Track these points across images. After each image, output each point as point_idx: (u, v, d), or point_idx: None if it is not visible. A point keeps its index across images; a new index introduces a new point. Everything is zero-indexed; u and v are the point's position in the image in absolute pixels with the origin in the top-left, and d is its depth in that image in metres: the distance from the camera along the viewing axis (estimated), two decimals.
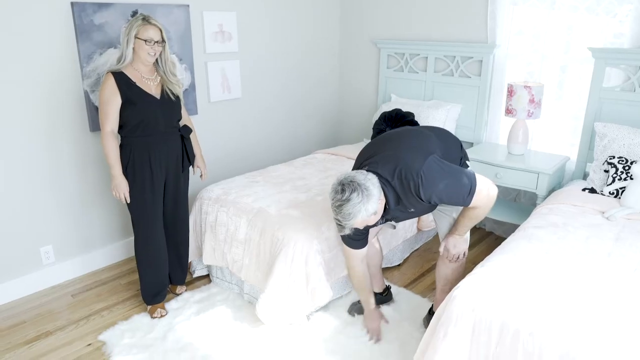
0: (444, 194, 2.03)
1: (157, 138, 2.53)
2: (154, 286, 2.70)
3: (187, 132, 2.68)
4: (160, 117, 2.52)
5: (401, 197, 2.06)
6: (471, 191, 2.05)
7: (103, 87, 2.42)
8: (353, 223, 1.97)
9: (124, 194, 2.51)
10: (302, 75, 4.30)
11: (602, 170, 2.93)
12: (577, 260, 2.08)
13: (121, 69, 2.45)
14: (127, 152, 2.50)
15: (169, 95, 2.56)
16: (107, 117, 2.43)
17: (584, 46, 3.15)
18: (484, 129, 3.76)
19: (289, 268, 2.48)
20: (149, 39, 2.40)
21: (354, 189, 1.92)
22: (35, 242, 2.96)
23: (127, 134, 2.50)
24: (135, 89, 2.45)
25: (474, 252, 3.50)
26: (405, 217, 2.28)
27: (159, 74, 2.56)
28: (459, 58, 3.74)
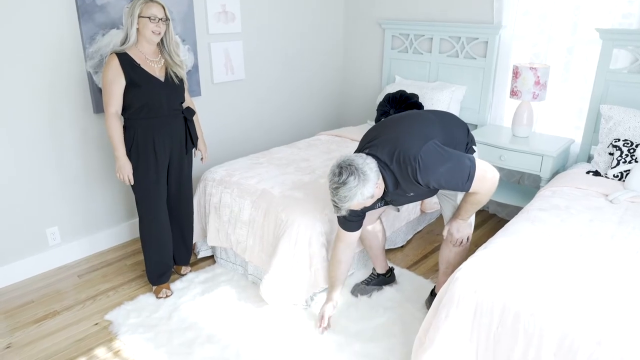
0: (442, 179, 2.03)
1: (160, 120, 2.53)
2: (158, 267, 2.73)
3: (190, 114, 2.67)
4: (164, 100, 2.50)
5: (400, 181, 2.06)
6: (470, 177, 2.04)
7: (107, 68, 2.40)
8: (349, 205, 1.98)
9: (128, 176, 2.52)
10: (305, 57, 4.27)
11: (606, 153, 2.92)
12: (580, 243, 2.09)
13: (125, 50, 2.42)
14: (130, 134, 2.50)
15: (173, 78, 2.55)
16: (110, 98, 2.42)
17: (592, 27, 3.11)
18: (489, 111, 3.74)
19: (292, 249, 2.50)
20: (153, 16, 2.37)
21: (351, 173, 1.93)
22: (41, 223, 2.98)
23: (131, 116, 2.49)
24: (140, 71, 2.43)
25: (476, 234, 3.51)
26: (405, 200, 2.29)
27: (163, 56, 2.54)
28: (464, 39, 3.70)
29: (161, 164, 2.58)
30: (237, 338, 2.42)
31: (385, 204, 2.30)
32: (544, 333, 1.69)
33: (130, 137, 2.50)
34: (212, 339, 2.41)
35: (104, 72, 2.42)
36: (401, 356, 2.28)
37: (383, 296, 2.73)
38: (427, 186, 2.04)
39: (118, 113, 2.46)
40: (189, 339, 2.41)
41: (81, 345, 2.40)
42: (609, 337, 1.58)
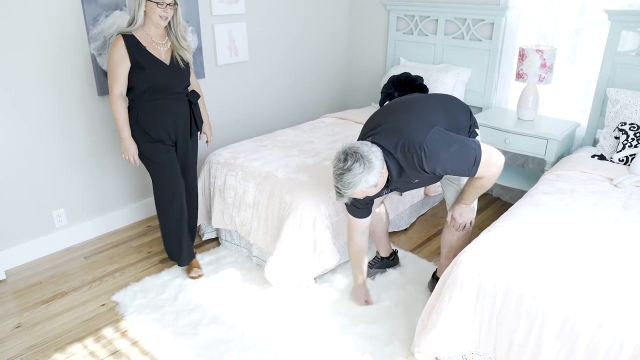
0: (448, 165, 2.02)
1: (164, 102, 2.53)
2: (180, 248, 2.75)
3: (194, 98, 2.66)
4: (168, 83, 2.50)
5: (405, 169, 2.06)
6: (476, 162, 2.04)
7: (112, 49, 2.39)
8: (352, 193, 1.98)
9: (133, 157, 2.54)
10: (310, 39, 4.24)
11: (612, 137, 2.90)
12: (583, 227, 2.09)
13: (132, 32, 2.41)
14: (134, 115, 2.51)
15: (179, 61, 2.53)
16: (115, 79, 2.42)
17: (600, 8, 3.07)
18: (494, 93, 3.71)
19: (296, 232, 2.52)
20: (161, 1, 2.34)
21: (357, 160, 1.92)
22: (47, 205, 3.01)
23: (135, 97, 2.49)
24: (145, 54, 2.43)
25: (480, 217, 3.52)
26: (409, 187, 2.29)
27: (169, 38, 2.53)
28: (470, 20, 3.66)
29: (167, 144, 2.59)
30: (242, 319, 2.45)
31: (389, 191, 2.30)
32: (547, 316, 1.71)
33: (134, 117, 2.51)
34: (217, 319, 2.45)
35: (109, 53, 2.42)
36: (404, 338, 2.31)
37: (386, 279, 2.75)
38: (433, 173, 2.04)
39: (123, 94, 2.47)
40: (195, 319, 2.45)
41: (89, 326, 2.44)
42: (610, 321, 1.60)
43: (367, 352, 2.23)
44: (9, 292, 2.71)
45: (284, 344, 2.29)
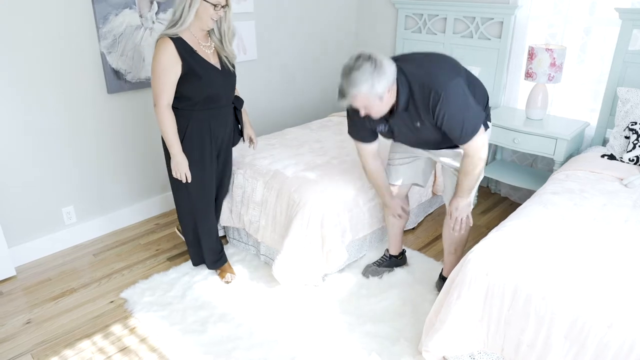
0: (453, 118, 2.00)
1: (216, 112, 2.36)
2: (215, 254, 2.73)
3: (240, 104, 2.52)
4: (223, 90, 2.33)
5: (415, 102, 2.02)
6: (474, 130, 2.05)
7: (160, 54, 2.15)
8: (356, 92, 1.89)
9: (185, 174, 2.36)
10: (318, 37, 4.24)
11: (622, 137, 2.88)
12: (593, 227, 2.08)
13: (179, 34, 2.18)
14: (183, 125, 2.31)
15: (228, 65, 2.35)
16: (163, 88, 2.18)
17: (611, 7, 3.04)
18: (503, 92, 3.69)
19: (304, 230, 2.52)
20: (218, 2, 2.15)
21: (370, 60, 1.88)
22: (57, 202, 3.03)
23: (186, 107, 2.29)
24: (198, 59, 2.22)
25: (488, 217, 3.51)
26: (405, 133, 2.19)
27: (212, 39, 2.33)
28: (479, 19, 3.64)
29: (213, 157, 2.47)
30: (250, 317, 2.46)
31: (387, 129, 2.21)
32: (555, 316, 1.71)
33: (182, 128, 2.31)
34: (225, 317, 2.46)
35: (155, 58, 2.16)
36: (412, 337, 2.31)
37: (394, 277, 2.75)
38: (437, 121, 2.02)
39: (170, 104, 2.25)
40: (203, 317, 2.46)
41: (97, 322, 2.46)
42: (620, 321, 1.59)
43: (375, 351, 2.23)
44: (19, 288, 2.73)
45: (291, 342, 2.29)
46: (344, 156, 2.91)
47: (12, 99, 2.69)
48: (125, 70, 3.06)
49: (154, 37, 3.13)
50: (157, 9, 3.10)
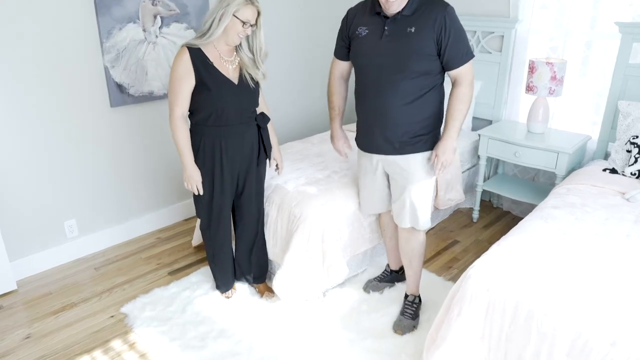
0: (459, 29, 2.09)
1: (231, 129, 2.30)
2: (219, 278, 2.68)
3: (264, 122, 2.42)
4: (236, 106, 2.28)
5: (422, 9, 2.07)
6: (469, 54, 2.13)
7: (176, 63, 2.17)
8: None
9: (197, 186, 2.34)
10: (319, 50, 4.26)
11: (624, 150, 2.87)
12: (595, 242, 2.07)
13: (199, 45, 2.18)
14: (197, 140, 2.30)
15: (248, 80, 2.30)
16: (177, 98, 2.19)
17: (611, 21, 3.05)
18: (504, 106, 3.70)
19: (305, 245, 2.52)
20: (247, 20, 2.14)
21: None
22: (59, 216, 3.04)
23: (199, 122, 2.29)
24: (212, 71, 2.20)
25: (490, 231, 3.50)
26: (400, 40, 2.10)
27: (238, 54, 2.31)
28: (479, 33, 3.66)
29: (227, 175, 2.38)
30: (250, 332, 2.44)
31: (366, 35, 2.17)
32: (557, 333, 1.69)
33: (195, 143, 2.31)
34: (225, 333, 2.44)
35: (172, 67, 2.19)
36: (413, 353, 2.29)
37: (395, 293, 2.73)
38: (443, 33, 2.05)
39: (185, 115, 2.25)
40: (203, 332, 2.45)
41: (97, 337, 2.45)
42: (623, 338, 1.57)
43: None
44: (20, 302, 2.73)
45: (292, 358, 2.28)
46: (345, 170, 2.91)
47: (15, 111, 2.71)
48: (128, 84, 3.09)
49: (157, 51, 3.16)
50: (161, 24, 3.13)
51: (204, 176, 2.37)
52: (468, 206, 3.78)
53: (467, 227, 3.57)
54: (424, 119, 2.20)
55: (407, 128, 2.19)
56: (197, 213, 2.54)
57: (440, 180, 3.21)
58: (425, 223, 2.39)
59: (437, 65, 2.13)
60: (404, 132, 2.20)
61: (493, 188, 3.52)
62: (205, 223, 2.52)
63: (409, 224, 2.38)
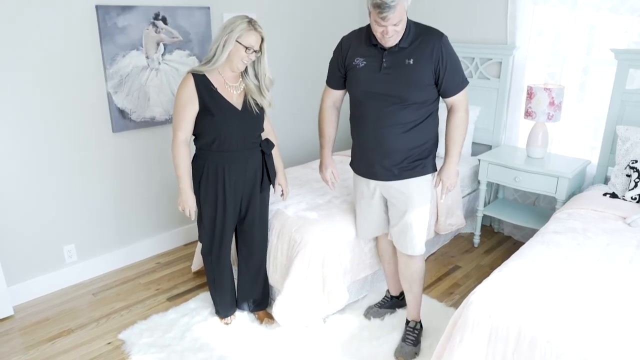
0: (455, 60, 2.13)
1: (234, 155, 2.31)
2: (222, 305, 2.65)
3: (268, 148, 2.42)
4: (239, 132, 2.28)
5: (418, 35, 2.10)
6: (465, 81, 2.17)
7: (181, 89, 2.20)
8: (397, 2, 1.91)
9: (190, 210, 2.34)
10: (318, 77, 4.30)
11: (624, 175, 2.88)
12: (597, 267, 2.05)
13: (204, 72, 2.22)
14: (200, 165, 2.32)
15: (252, 106, 2.31)
16: (181, 123, 2.22)
17: (607, 47, 3.10)
18: (503, 131, 3.72)
19: (305, 270, 2.50)
20: (250, 46, 2.17)
21: None
22: (58, 240, 3.03)
23: (202, 147, 2.31)
24: (216, 97, 2.22)
25: (492, 256, 3.47)
26: (398, 71, 2.11)
27: (244, 81, 2.33)
28: (478, 60, 3.71)
29: (230, 201, 2.37)
30: (250, 359, 2.40)
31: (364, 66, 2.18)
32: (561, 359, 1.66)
33: (199, 168, 2.32)
34: (224, 359, 2.40)
35: (177, 92, 2.22)
36: None
37: (396, 319, 2.70)
38: (440, 63, 2.08)
39: (187, 139, 2.27)
40: (201, 359, 2.41)
41: None
42: None
43: None
44: (16, 328, 2.70)
45: None
46: (345, 196, 2.91)
47: (18, 135, 2.73)
48: (131, 109, 3.12)
49: (160, 77, 3.20)
50: (164, 51, 3.17)
51: (206, 201, 2.36)
52: (469, 231, 3.77)
53: (468, 252, 3.55)
54: (421, 145, 2.22)
55: (406, 155, 2.21)
56: (200, 237, 2.52)
57: (440, 206, 3.21)
58: (422, 249, 2.40)
59: (434, 93, 2.16)
60: (403, 159, 2.22)
61: (494, 213, 3.51)
62: (207, 248, 2.51)
63: (409, 250, 2.37)
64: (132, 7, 2.96)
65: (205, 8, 3.32)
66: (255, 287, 2.68)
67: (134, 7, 2.97)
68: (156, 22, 3.09)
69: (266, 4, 3.74)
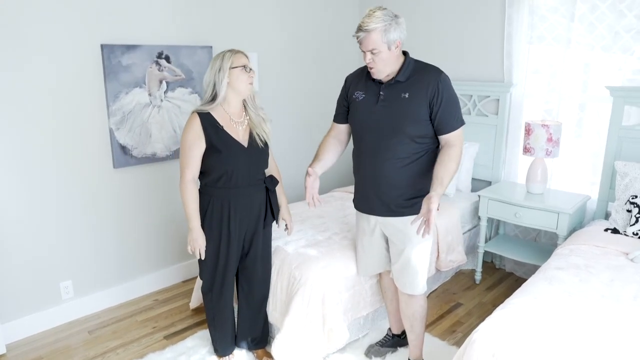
0: (452, 96, 2.14)
1: (239, 191, 2.31)
2: (222, 343, 2.58)
3: (272, 185, 2.44)
4: (246, 168, 2.30)
5: (416, 72, 2.15)
6: (460, 121, 2.17)
7: (187, 128, 2.22)
8: (372, 28, 2.00)
9: (200, 250, 2.32)
10: (319, 115, 4.36)
11: (624, 210, 2.88)
12: (601, 304, 2.02)
13: (209, 110, 2.25)
14: (205, 203, 2.32)
15: (258, 141, 2.34)
16: (188, 163, 2.23)
17: (602, 84, 3.15)
18: (502, 167, 3.74)
19: (305, 308, 2.46)
20: (245, 64, 2.22)
21: (388, 13, 2.05)
22: (56, 277, 2.99)
23: (208, 183, 2.31)
24: (222, 134, 2.24)
25: (494, 293, 3.43)
26: (395, 105, 2.15)
27: (247, 113, 2.36)
28: (475, 97, 3.77)
29: (234, 238, 2.37)
30: None
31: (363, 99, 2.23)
32: None
33: (204, 204, 2.32)
34: None
35: (184, 132, 2.25)
36: None
37: (398, 358, 2.64)
38: (435, 100, 2.10)
39: (195, 178, 2.28)
40: None
41: None
42: None
43: None
44: None
45: None
46: (346, 232, 2.90)
47: (17, 169, 2.74)
48: (132, 145, 3.14)
49: (162, 114, 3.24)
50: (166, 88, 3.23)
51: (210, 238, 2.35)
52: (470, 268, 3.73)
53: (470, 289, 3.50)
54: (419, 182, 2.22)
55: (403, 190, 2.22)
56: (200, 274, 2.49)
57: (441, 242, 3.19)
58: (423, 288, 2.37)
59: (431, 129, 2.18)
60: (400, 195, 2.22)
61: (495, 249, 3.49)
62: (207, 285, 2.46)
63: (409, 289, 2.34)
64: (136, 46, 3.03)
65: (207, 47, 3.40)
66: (256, 325, 2.63)
67: (139, 46, 3.04)
68: (159, 60, 3.16)
69: (267, 44, 3.83)
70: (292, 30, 4.00)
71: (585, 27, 3.21)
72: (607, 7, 3.10)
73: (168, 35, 3.21)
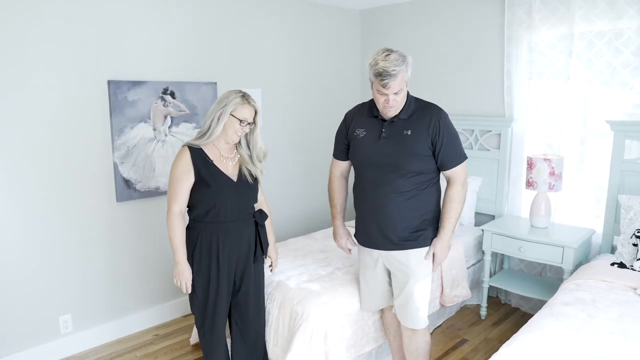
0: (453, 133, 2.20)
1: (228, 225, 2.29)
2: None
3: (262, 219, 2.42)
4: (235, 203, 2.29)
5: (417, 110, 2.21)
6: (462, 156, 2.23)
7: (177, 162, 2.24)
8: (398, 71, 2.04)
9: (186, 283, 2.28)
10: (319, 150, 4.39)
11: (630, 244, 2.85)
12: (611, 341, 1.98)
13: (200, 145, 2.26)
14: (194, 236, 2.29)
15: (247, 177, 2.34)
16: (176, 196, 2.22)
17: (602, 118, 3.17)
18: (505, 201, 3.73)
19: (307, 344, 2.41)
20: (244, 119, 2.22)
21: (396, 51, 2.10)
22: (55, 310, 2.96)
23: (197, 217, 2.29)
24: (212, 168, 2.24)
25: (499, 329, 3.36)
26: (396, 140, 2.19)
27: (238, 152, 2.37)
28: (477, 132, 3.80)
29: (223, 273, 2.32)
30: None
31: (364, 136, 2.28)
32: None
33: (193, 239, 2.29)
34: None
35: (173, 165, 2.26)
36: None
37: None
38: (437, 137, 2.16)
39: (182, 211, 2.26)
40: None
41: None
42: None
43: None
44: None
45: None
46: (348, 267, 2.87)
47: (20, 202, 2.75)
48: (136, 179, 3.16)
49: (166, 149, 3.27)
50: (171, 123, 3.27)
51: (200, 272, 2.31)
52: (475, 303, 3.68)
53: (476, 324, 3.44)
54: (421, 215, 2.24)
55: (405, 224, 2.22)
56: (191, 308, 2.43)
57: (445, 277, 3.16)
58: (425, 322, 2.35)
59: (432, 164, 2.22)
60: (403, 228, 2.23)
61: (500, 284, 3.44)
62: (199, 321, 2.40)
63: (411, 324, 2.32)
64: (142, 82, 3.09)
65: (212, 83, 3.46)
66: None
67: (145, 82, 3.10)
68: (165, 96, 3.21)
69: (270, 80, 3.90)
70: (295, 67, 4.09)
71: (584, 63, 3.26)
72: (603, 44, 3.15)
73: (173, 71, 3.28)
